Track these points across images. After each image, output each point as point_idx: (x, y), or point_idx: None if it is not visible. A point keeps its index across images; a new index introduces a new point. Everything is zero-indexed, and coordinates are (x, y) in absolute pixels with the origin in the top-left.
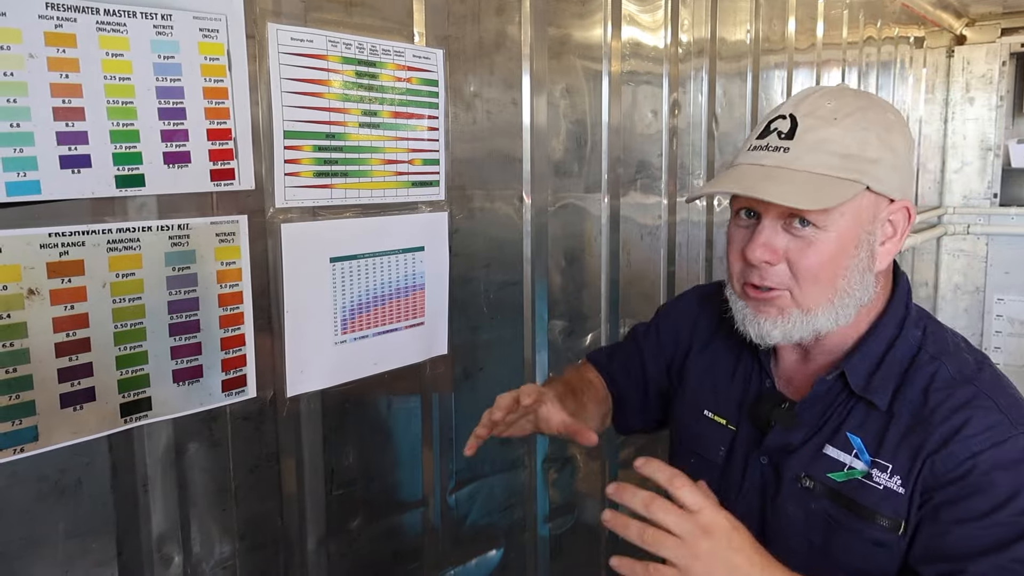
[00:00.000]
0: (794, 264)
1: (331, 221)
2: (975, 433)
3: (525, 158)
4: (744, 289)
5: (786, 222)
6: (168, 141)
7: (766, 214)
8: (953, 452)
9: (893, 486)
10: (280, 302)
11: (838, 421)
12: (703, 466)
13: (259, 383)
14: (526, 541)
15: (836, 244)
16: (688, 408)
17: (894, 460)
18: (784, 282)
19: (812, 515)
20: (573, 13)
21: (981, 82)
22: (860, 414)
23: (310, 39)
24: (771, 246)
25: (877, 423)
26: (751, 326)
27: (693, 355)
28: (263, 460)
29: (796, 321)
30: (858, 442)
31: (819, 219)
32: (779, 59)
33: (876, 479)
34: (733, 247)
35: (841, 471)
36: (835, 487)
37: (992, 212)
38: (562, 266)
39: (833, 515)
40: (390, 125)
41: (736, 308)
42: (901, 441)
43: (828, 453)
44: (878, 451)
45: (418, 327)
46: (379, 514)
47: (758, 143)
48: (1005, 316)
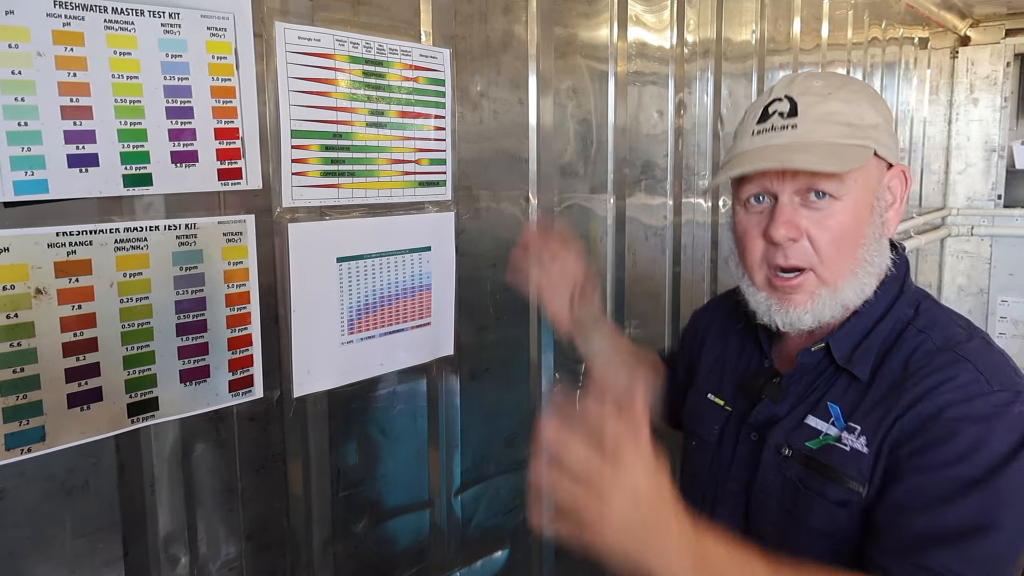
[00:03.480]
0: (816, 239)
1: (338, 221)
2: (946, 391)
3: (531, 158)
4: (768, 277)
5: (803, 198)
6: (176, 140)
7: (782, 192)
8: (920, 409)
9: (859, 446)
10: (287, 302)
11: (821, 393)
12: (700, 446)
13: (266, 383)
14: (532, 542)
15: (853, 212)
16: (695, 394)
17: (864, 422)
18: (808, 260)
19: (787, 482)
20: (579, 13)
21: (985, 83)
22: (843, 385)
23: (317, 38)
24: (793, 222)
25: (857, 393)
26: (778, 316)
27: (706, 348)
28: (270, 461)
29: (825, 301)
30: (836, 410)
31: (836, 189)
32: (784, 60)
33: (845, 441)
34: (750, 234)
35: (817, 438)
36: (810, 453)
37: (996, 213)
38: None
39: (803, 480)
40: (397, 125)
41: (756, 301)
42: (875, 406)
43: (808, 423)
44: (851, 416)
45: (424, 327)
46: (385, 515)
47: (760, 127)
48: (1009, 318)
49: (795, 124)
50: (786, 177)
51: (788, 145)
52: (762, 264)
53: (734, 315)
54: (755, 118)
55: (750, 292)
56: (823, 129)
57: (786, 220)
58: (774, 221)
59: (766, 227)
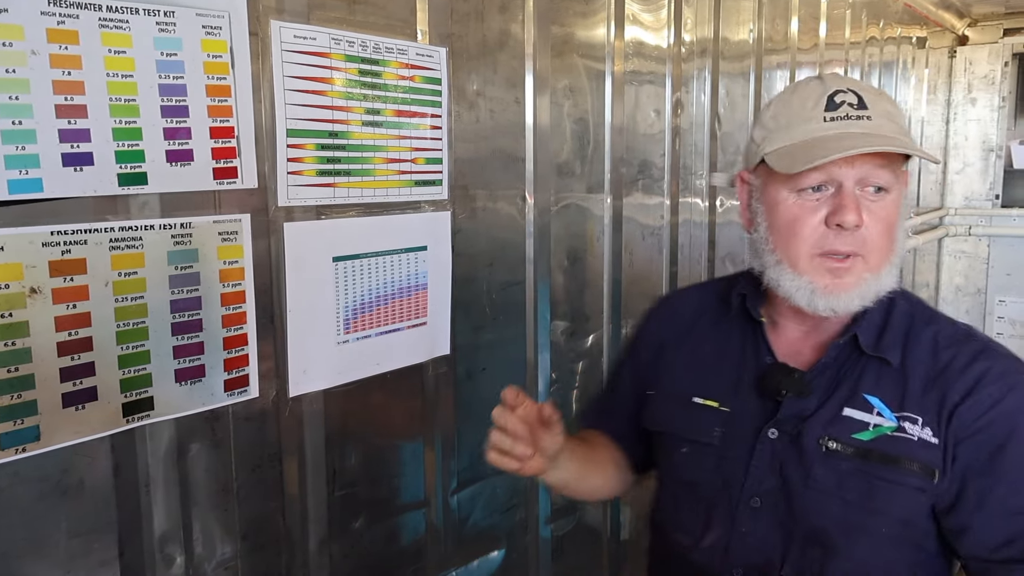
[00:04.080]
0: (869, 227)
1: (334, 220)
2: (993, 381)
3: (528, 158)
4: (820, 261)
5: (861, 189)
6: (171, 139)
7: (847, 180)
8: (978, 401)
9: (927, 436)
10: (283, 301)
11: (852, 383)
12: (698, 452)
13: (261, 383)
14: (528, 542)
15: (895, 207)
16: (673, 400)
17: (923, 413)
18: (861, 247)
19: (845, 475)
20: (576, 12)
21: (983, 83)
22: (872, 375)
23: (313, 37)
24: (860, 210)
25: (892, 382)
26: (823, 299)
27: (668, 351)
28: (265, 460)
29: (870, 285)
30: (877, 401)
31: (888, 182)
32: (782, 59)
33: (909, 431)
34: (804, 220)
35: (866, 430)
36: (864, 445)
37: (994, 213)
38: (564, 266)
39: (869, 471)
40: (393, 124)
41: (796, 286)
42: (923, 396)
43: (848, 415)
44: (903, 406)
45: (420, 327)
46: (381, 515)
47: (831, 114)
48: (1006, 318)
49: (869, 116)
50: (855, 166)
51: (869, 134)
52: (816, 248)
53: (708, 313)
54: (820, 106)
55: (787, 278)
56: (890, 126)
57: (857, 206)
58: (845, 207)
59: (830, 213)
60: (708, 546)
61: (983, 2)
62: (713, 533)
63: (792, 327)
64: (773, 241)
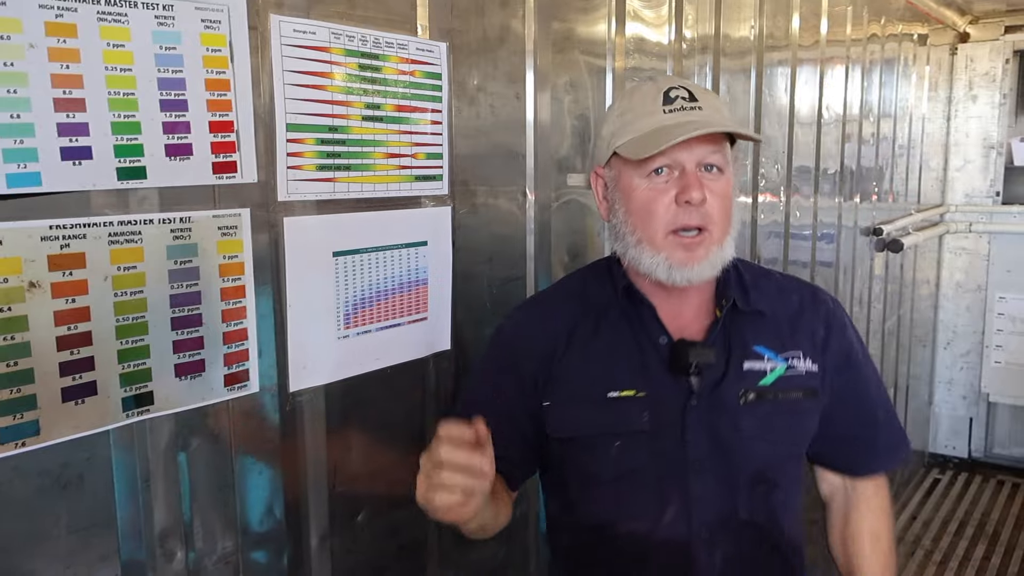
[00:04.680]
0: (710, 203)
1: (334, 215)
2: (834, 314)
3: (528, 153)
4: (674, 238)
5: (700, 170)
6: (170, 133)
7: (688, 163)
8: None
9: (809, 366)
10: (283, 296)
11: (740, 340)
12: (633, 441)
13: (262, 378)
14: (528, 538)
15: (729, 185)
16: (581, 402)
17: (801, 348)
18: (707, 221)
19: (764, 418)
20: (577, 8)
21: (984, 80)
22: (752, 329)
23: (313, 31)
24: (703, 187)
25: (768, 330)
26: (678, 272)
27: (554, 361)
28: (265, 454)
29: (716, 256)
30: (764, 350)
31: (721, 163)
32: (783, 56)
33: (798, 367)
34: (658, 200)
35: (766, 376)
36: (769, 389)
37: (994, 210)
38: (565, 262)
39: (780, 409)
40: (393, 119)
41: (655, 263)
42: (794, 335)
43: (748, 367)
44: (784, 347)
45: (421, 322)
46: (383, 510)
47: (670, 107)
48: (1007, 314)
49: (700, 107)
50: (693, 150)
51: (704, 120)
52: (670, 226)
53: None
54: (658, 101)
55: (647, 255)
56: (721, 115)
57: (700, 184)
58: (690, 185)
59: (678, 192)
60: (670, 521)
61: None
62: (672, 508)
63: (662, 302)
64: (632, 223)
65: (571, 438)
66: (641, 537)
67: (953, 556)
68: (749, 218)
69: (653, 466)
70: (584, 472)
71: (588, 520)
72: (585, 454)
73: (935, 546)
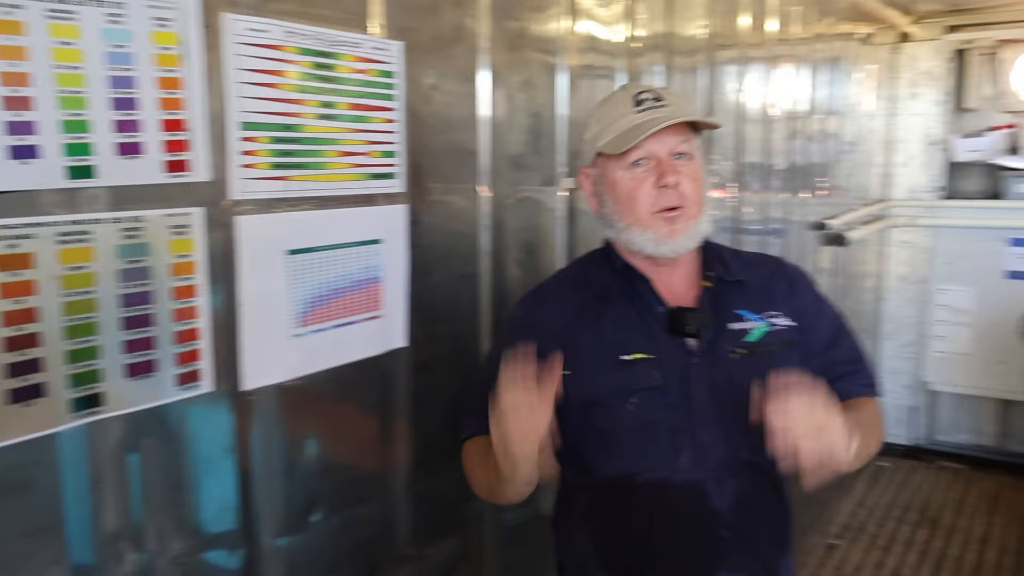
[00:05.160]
0: (684, 185)
1: (288, 213)
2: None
3: (483, 151)
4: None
5: (673, 159)
6: (120, 131)
7: (661, 152)
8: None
9: (788, 322)
10: (236, 295)
11: (725, 305)
12: (648, 397)
13: (215, 377)
14: (484, 531)
15: (698, 168)
16: (598, 367)
17: (778, 308)
18: (683, 199)
19: (754, 369)
20: (530, 7)
21: (926, 78)
22: (733, 295)
23: (266, 29)
24: (676, 172)
25: (747, 296)
26: (664, 246)
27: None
28: (219, 454)
29: (694, 230)
30: (746, 312)
31: (690, 150)
32: (732, 55)
33: (779, 324)
34: (641, 187)
35: (750, 334)
36: (753, 345)
37: (936, 205)
38: (520, 258)
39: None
40: (348, 117)
41: (644, 239)
42: (769, 298)
43: (733, 328)
44: (762, 309)
45: (376, 320)
46: (339, 507)
47: (640, 108)
48: (948, 306)
49: (666, 105)
50: (664, 141)
51: (673, 114)
52: (652, 208)
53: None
54: (629, 104)
55: (637, 234)
56: (687, 108)
57: (674, 169)
58: (665, 172)
59: (656, 179)
60: (685, 467)
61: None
62: (686, 454)
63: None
64: (620, 210)
65: (592, 401)
66: (661, 484)
67: (896, 541)
68: None
69: (667, 418)
70: (603, 431)
71: (609, 475)
72: (605, 413)
73: (880, 531)
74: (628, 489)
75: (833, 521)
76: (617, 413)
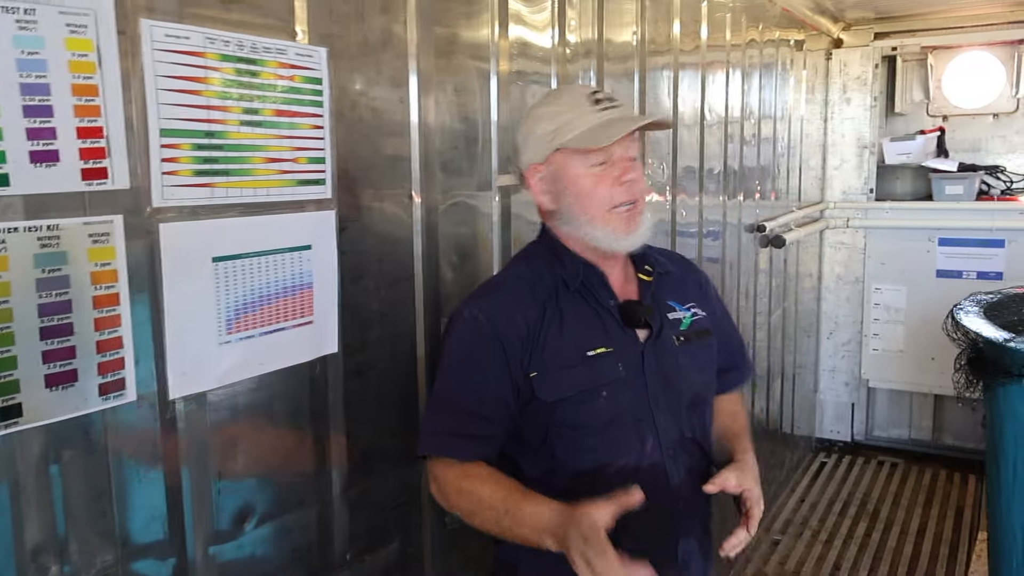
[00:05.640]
0: (637, 182)
1: (213, 220)
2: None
3: (414, 157)
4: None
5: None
6: (34, 139)
7: (618, 153)
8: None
9: (705, 312)
10: (160, 303)
11: (659, 298)
12: (616, 389)
13: (139, 386)
14: (424, 536)
15: (642, 169)
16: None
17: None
18: (638, 195)
19: (691, 354)
20: (460, 12)
21: (856, 83)
22: (664, 288)
23: (186, 36)
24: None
25: (672, 289)
26: (623, 241)
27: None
28: (145, 463)
29: (647, 223)
30: (675, 304)
31: (637, 152)
32: (665, 60)
33: (699, 314)
34: (601, 185)
35: (682, 323)
36: (688, 332)
37: (868, 207)
38: (454, 262)
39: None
40: (273, 123)
41: (604, 234)
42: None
43: (671, 317)
44: (685, 300)
45: (307, 326)
46: (270, 515)
47: (598, 107)
48: (882, 304)
49: (619, 105)
50: (622, 143)
51: (629, 118)
52: (611, 204)
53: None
54: (587, 103)
55: (598, 229)
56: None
57: (632, 167)
58: (626, 169)
59: (616, 176)
60: (650, 450)
61: (855, 7)
62: (650, 440)
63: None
64: (581, 205)
65: (561, 399)
66: (631, 470)
67: (837, 535)
68: None
69: (632, 408)
70: (576, 427)
71: (581, 468)
72: (577, 409)
73: (821, 526)
74: (600, 479)
75: (777, 517)
76: (589, 408)
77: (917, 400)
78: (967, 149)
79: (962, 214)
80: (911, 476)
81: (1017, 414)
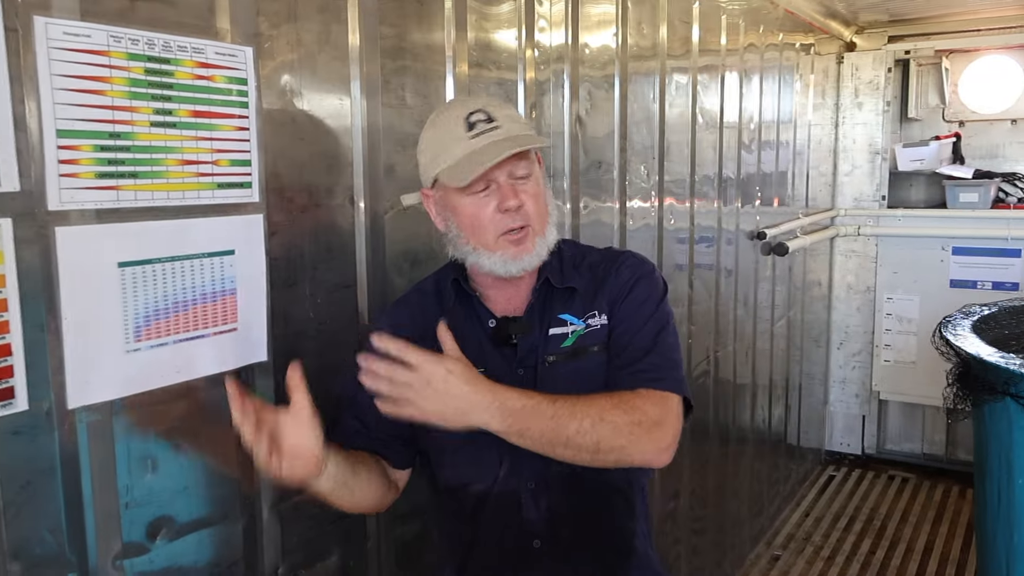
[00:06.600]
0: (526, 205)
1: (118, 224)
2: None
3: (357, 161)
4: (504, 238)
5: (513, 180)
6: None
7: (500, 177)
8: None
9: (603, 320)
10: (57, 309)
11: (551, 312)
12: None
13: (33, 395)
14: (369, 549)
15: (538, 184)
16: None
17: (599, 307)
18: (527, 219)
19: (567, 375)
20: (410, 13)
21: (869, 88)
22: (562, 301)
23: (87, 34)
24: (517, 194)
25: (577, 300)
26: (514, 265)
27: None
28: (38, 475)
29: (540, 245)
30: (568, 316)
31: (526, 171)
32: (651, 65)
33: (593, 323)
34: (484, 212)
35: (567, 338)
36: (569, 349)
37: (880, 214)
38: (404, 268)
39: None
40: (188, 124)
41: (493, 261)
42: (595, 298)
43: (553, 333)
44: (586, 311)
45: (230, 333)
46: (187, 529)
47: (472, 133)
48: (894, 314)
49: (498, 125)
50: (502, 167)
51: (507, 139)
52: (497, 231)
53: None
54: (463, 127)
55: (484, 257)
56: (518, 126)
57: (514, 192)
58: (506, 196)
59: (498, 203)
60: (505, 475)
61: (869, 10)
62: (506, 464)
63: (499, 292)
64: (465, 235)
65: None
66: (482, 493)
67: (840, 551)
68: (617, 223)
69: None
70: (440, 443)
71: (449, 484)
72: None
73: (824, 541)
74: (465, 498)
75: (780, 532)
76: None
77: (930, 413)
78: (984, 155)
79: (977, 222)
80: (921, 492)
81: (1001, 433)
